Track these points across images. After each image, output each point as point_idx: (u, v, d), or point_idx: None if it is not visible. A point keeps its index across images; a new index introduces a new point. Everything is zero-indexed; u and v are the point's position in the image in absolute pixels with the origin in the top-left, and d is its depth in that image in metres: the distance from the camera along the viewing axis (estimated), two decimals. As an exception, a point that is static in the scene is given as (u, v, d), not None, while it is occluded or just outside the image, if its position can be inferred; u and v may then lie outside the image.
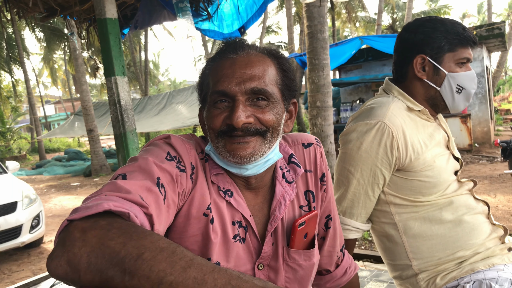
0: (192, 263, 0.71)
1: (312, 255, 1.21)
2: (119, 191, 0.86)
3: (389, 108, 1.47)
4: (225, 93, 1.03)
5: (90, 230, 0.74)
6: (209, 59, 1.13)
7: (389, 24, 28.51)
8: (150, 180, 0.93)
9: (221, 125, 1.04)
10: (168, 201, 0.95)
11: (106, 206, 0.78)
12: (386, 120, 1.43)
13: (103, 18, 3.27)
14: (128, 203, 0.83)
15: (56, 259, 0.73)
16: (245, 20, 4.11)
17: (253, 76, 1.03)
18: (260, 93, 1.03)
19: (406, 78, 1.55)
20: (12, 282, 4.85)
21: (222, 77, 1.04)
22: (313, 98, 5.40)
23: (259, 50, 1.10)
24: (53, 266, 0.73)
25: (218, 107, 1.05)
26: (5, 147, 23.86)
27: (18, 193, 5.86)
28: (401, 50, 1.57)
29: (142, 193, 0.88)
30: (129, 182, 0.89)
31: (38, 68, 41.73)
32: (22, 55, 22.76)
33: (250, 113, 1.03)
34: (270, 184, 1.19)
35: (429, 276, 1.47)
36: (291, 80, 1.12)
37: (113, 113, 3.39)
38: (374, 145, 1.44)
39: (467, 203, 1.48)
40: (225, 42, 1.12)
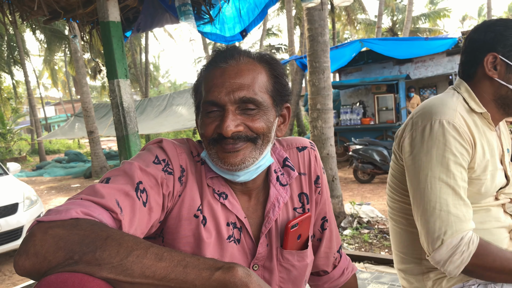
0: (153, 245, 0.80)
1: (306, 255, 1.24)
2: (94, 195, 0.91)
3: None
4: (215, 102, 1.06)
5: (56, 228, 0.79)
6: (203, 67, 1.16)
7: (389, 27, 28.53)
8: (130, 184, 0.98)
9: (212, 133, 1.08)
10: (150, 204, 1.00)
11: (74, 214, 0.83)
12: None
13: (106, 21, 3.30)
14: (99, 209, 0.88)
15: (23, 254, 0.77)
16: (247, 23, 4.13)
17: (242, 85, 1.06)
18: (249, 101, 1.06)
19: (473, 78, 1.49)
20: (13, 284, 4.86)
21: (213, 87, 1.07)
22: (313, 101, 5.42)
23: (251, 57, 1.12)
24: (21, 261, 0.76)
25: (210, 116, 1.09)
26: (5, 148, 23.85)
27: (19, 195, 5.86)
28: (469, 50, 1.50)
29: (119, 197, 0.93)
30: (108, 186, 0.95)
31: (38, 70, 41.75)
32: (23, 56, 22.77)
33: (240, 122, 1.06)
34: (265, 186, 1.22)
35: (437, 277, 1.48)
36: (282, 86, 1.15)
37: (115, 116, 3.41)
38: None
39: (496, 216, 1.47)
40: (217, 51, 1.15)
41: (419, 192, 1.34)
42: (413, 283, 1.54)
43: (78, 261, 0.75)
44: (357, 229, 5.19)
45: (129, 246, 0.77)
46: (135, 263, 0.76)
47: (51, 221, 0.81)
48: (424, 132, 1.36)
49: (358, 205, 5.87)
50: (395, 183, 1.56)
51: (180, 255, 0.80)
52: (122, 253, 0.76)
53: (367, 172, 9.00)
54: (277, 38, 37.53)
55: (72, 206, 0.85)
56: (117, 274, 0.75)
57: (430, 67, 12.49)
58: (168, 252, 0.79)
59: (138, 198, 0.97)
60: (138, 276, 0.76)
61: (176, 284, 0.77)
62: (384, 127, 11.65)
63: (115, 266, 0.75)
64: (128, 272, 0.75)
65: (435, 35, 25.50)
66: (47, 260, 0.75)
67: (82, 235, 0.77)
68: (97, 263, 0.75)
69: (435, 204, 1.29)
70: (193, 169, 1.14)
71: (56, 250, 0.76)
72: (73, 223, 0.80)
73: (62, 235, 0.77)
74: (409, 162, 1.40)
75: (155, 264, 0.77)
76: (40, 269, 0.76)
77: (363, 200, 7.15)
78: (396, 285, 2.92)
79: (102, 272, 0.75)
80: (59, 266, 0.75)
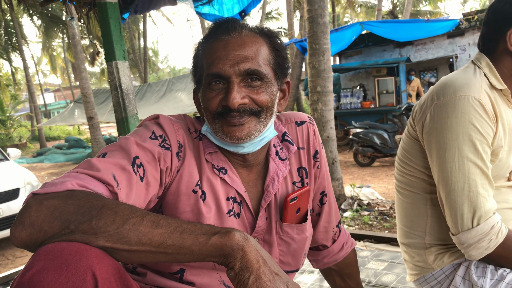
0: (149, 213, 0.81)
1: (305, 229, 1.25)
2: (90, 169, 0.91)
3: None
4: (220, 75, 1.05)
5: (52, 199, 0.79)
6: (201, 40, 1.15)
7: (389, 10, 28.28)
8: (126, 159, 0.97)
9: (217, 107, 1.07)
10: (147, 179, 1.00)
11: (70, 186, 0.82)
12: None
13: (103, 2, 3.26)
14: (94, 182, 0.88)
15: (19, 225, 0.77)
16: (246, 4, 4.09)
17: (246, 57, 1.05)
18: (254, 74, 1.06)
19: (494, 52, 1.41)
20: (16, 267, 4.90)
21: (216, 59, 1.06)
22: (313, 83, 5.39)
23: (251, 30, 1.12)
24: (17, 232, 0.77)
25: (213, 88, 1.08)
26: (5, 135, 23.86)
27: (20, 180, 5.88)
28: (492, 22, 1.41)
29: (115, 171, 0.93)
30: (104, 160, 0.95)
31: (37, 56, 41.54)
32: (21, 42, 22.63)
33: (245, 94, 1.06)
34: (264, 161, 1.23)
35: (438, 251, 1.48)
36: (283, 59, 1.15)
37: (114, 98, 3.40)
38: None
39: (505, 197, 1.44)
40: (217, 23, 1.14)
41: (445, 170, 1.30)
42: (415, 257, 1.54)
43: (74, 231, 0.75)
44: (357, 211, 5.21)
45: (125, 215, 0.78)
46: (131, 231, 0.76)
47: (47, 193, 0.81)
48: (447, 108, 1.30)
49: (358, 188, 5.88)
50: (405, 156, 1.54)
51: (176, 222, 0.80)
52: (118, 221, 0.76)
53: (367, 155, 9.00)
54: (277, 21, 37.32)
55: (67, 178, 0.85)
56: (114, 242, 0.76)
57: (431, 49, 12.41)
58: (164, 219, 0.80)
59: (134, 173, 0.96)
60: (135, 243, 0.76)
61: (174, 250, 0.77)
62: (384, 110, 11.62)
63: (111, 234, 0.75)
64: (124, 240, 0.76)
65: (436, 17, 25.27)
66: (43, 230, 0.76)
67: (78, 205, 0.77)
68: (93, 232, 0.75)
69: (463, 185, 1.26)
70: (190, 144, 1.13)
71: (51, 220, 0.76)
72: (68, 194, 0.80)
73: (58, 205, 0.77)
74: (431, 138, 1.35)
75: (151, 231, 0.77)
76: (36, 239, 0.76)
77: (363, 183, 7.16)
78: (396, 262, 2.94)
79: (99, 241, 0.75)
80: (56, 236, 0.75)
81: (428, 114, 1.36)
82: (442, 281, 1.47)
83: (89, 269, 0.71)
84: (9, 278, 3.39)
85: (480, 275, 1.35)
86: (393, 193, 6.44)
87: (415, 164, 1.49)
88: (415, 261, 1.55)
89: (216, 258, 0.79)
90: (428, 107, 1.37)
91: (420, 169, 1.48)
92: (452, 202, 1.29)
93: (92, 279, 0.70)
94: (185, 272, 1.09)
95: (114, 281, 0.74)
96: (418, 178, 1.50)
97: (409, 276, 1.62)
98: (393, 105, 11.50)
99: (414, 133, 1.47)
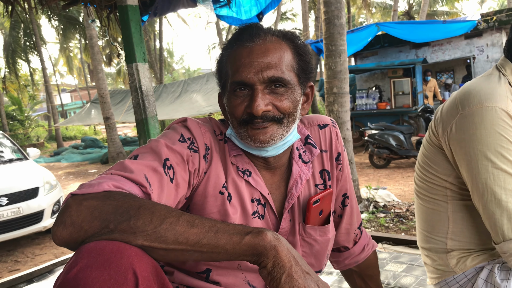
0: (184, 213, 0.83)
1: (328, 230, 1.27)
2: (124, 170, 0.94)
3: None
4: (244, 83, 1.07)
5: (90, 199, 0.82)
6: (226, 46, 1.16)
7: (405, 10, 28.06)
8: (157, 161, 1.00)
9: (242, 114, 1.09)
10: (177, 180, 1.02)
11: (106, 187, 0.85)
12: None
13: (124, 5, 3.31)
14: (129, 183, 0.91)
15: (60, 224, 0.80)
16: (264, 6, 4.11)
17: (270, 64, 1.06)
18: (278, 81, 1.07)
19: None
20: (35, 265, 4.98)
21: (241, 67, 1.07)
22: (329, 85, 5.38)
23: (275, 35, 1.12)
24: (58, 231, 0.80)
25: (238, 95, 1.09)
26: (23, 135, 24.28)
27: (39, 179, 5.97)
28: None
29: (147, 173, 0.95)
30: (136, 162, 0.97)
31: (54, 57, 42.15)
32: (39, 43, 23.00)
33: (268, 101, 1.07)
34: (287, 163, 1.25)
35: (461, 255, 1.47)
36: (307, 63, 1.15)
37: (134, 99, 3.45)
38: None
39: None
40: (241, 28, 1.15)
41: (480, 182, 1.28)
42: (436, 261, 1.54)
43: (113, 230, 0.78)
44: (373, 213, 5.19)
45: (161, 214, 0.80)
46: (168, 230, 0.79)
47: (85, 193, 0.83)
48: (474, 118, 1.28)
49: (374, 190, 5.86)
50: (425, 163, 1.53)
51: (210, 222, 0.82)
52: (155, 221, 0.79)
53: (383, 157, 8.94)
54: (292, 22, 37.24)
55: (103, 180, 0.88)
56: (152, 241, 0.78)
57: (448, 50, 12.29)
58: (199, 219, 0.82)
59: (165, 174, 0.99)
60: (172, 242, 0.78)
61: (208, 249, 0.80)
62: (400, 112, 11.53)
63: (149, 233, 0.78)
64: (162, 239, 0.78)
65: (452, 17, 24.99)
66: (84, 229, 0.78)
67: (116, 205, 0.80)
68: (132, 231, 0.78)
69: (501, 196, 1.25)
70: (217, 147, 1.16)
71: (91, 220, 0.79)
72: (106, 195, 0.83)
73: (97, 205, 0.80)
74: (459, 149, 1.33)
75: (187, 230, 0.79)
76: (77, 238, 0.79)
77: (379, 184, 7.12)
78: (415, 265, 2.93)
79: (138, 240, 0.78)
80: (96, 235, 0.78)
81: (453, 124, 1.35)
82: (464, 285, 1.47)
83: (130, 267, 0.73)
84: (32, 276, 3.45)
85: (504, 278, 1.34)
86: (409, 195, 6.40)
87: (436, 172, 1.49)
88: (436, 264, 1.54)
89: (249, 257, 0.81)
90: (452, 117, 1.36)
91: (441, 176, 1.47)
92: (490, 213, 1.27)
93: (133, 276, 0.73)
94: (212, 272, 1.12)
95: (153, 279, 0.77)
96: (439, 185, 1.49)
97: (430, 280, 1.61)
98: (409, 107, 11.40)
99: (437, 141, 1.46)
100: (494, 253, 1.45)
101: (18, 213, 5.44)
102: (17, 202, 5.48)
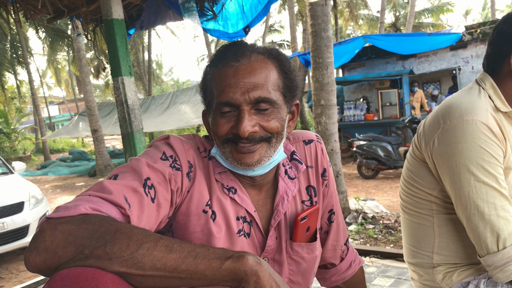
0: (162, 237, 0.80)
1: (315, 248, 1.25)
2: (102, 191, 0.91)
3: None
4: (230, 103, 1.05)
5: (65, 223, 0.79)
6: (210, 64, 1.14)
7: (392, 22, 28.46)
8: (138, 180, 0.98)
9: (227, 133, 1.07)
10: (158, 200, 1.00)
11: (83, 210, 0.83)
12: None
13: (109, 19, 3.30)
14: (107, 205, 0.88)
15: (33, 250, 0.77)
16: (250, 19, 4.13)
17: (256, 84, 1.05)
18: (264, 101, 1.06)
19: (499, 73, 1.41)
20: (20, 282, 4.89)
21: (226, 87, 1.05)
22: (317, 97, 5.41)
23: (260, 53, 1.11)
24: (31, 258, 0.77)
25: (224, 116, 1.08)
26: (10, 148, 23.97)
27: (25, 193, 5.89)
28: (497, 43, 1.41)
29: (127, 193, 0.93)
30: (116, 182, 0.95)
31: (42, 69, 41.88)
32: (26, 56, 22.85)
33: (255, 122, 1.06)
34: (273, 180, 1.23)
35: (447, 270, 1.47)
36: (292, 81, 1.14)
37: (120, 113, 3.42)
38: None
39: None
40: (225, 47, 1.13)
41: (463, 195, 1.29)
42: (423, 276, 1.53)
43: (88, 256, 0.75)
44: (362, 224, 5.19)
45: (139, 239, 0.78)
46: (145, 256, 0.76)
47: (60, 217, 0.81)
48: (455, 132, 1.30)
49: (363, 201, 5.87)
50: (410, 177, 1.53)
51: (190, 246, 0.80)
52: (132, 246, 0.76)
53: (371, 167, 8.99)
54: (280, 34, 37.58)
55: (80, 202, 0.86)
56: (129, 268, 0.76)
57: (434, 62, 12.45)
58: (178, 244, 0.79)
59: (146, 194, 0.97)
60: (149, 268, 0.76)
61: (187, 275, 0.77)
62: (388, 123, 11.63)
63: (126, 259, 0.75)
64: (139, 265, 0.76)
65: (438, 29, 25.39)
66: (58, 255, 0.76)
67: (92, 229, 0.78)
68: (108, 257, 0.75)
69: (483, 209, 1.25)
70: (200, 164, 1.14)
71: (66, 245, 0.76)
72: (82, 218, 0.80)
73: (72, 230, 0.78)
74: (442, 163, 1.34)
75: (165, 256, 0.77)
76: (51, 264, 0.76)
77: (367, 195, 7.14)
78: (403, 279, 2.92)
79: (114, 266, 0.75)
80: (70, 261, 0.75)
81: (435, 138, 1.36)
82: (451, 300, 1.46)
83: None
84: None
85: None
86: (398, 205, 6.42)
87: (421, 185, 1.49)
88: (423, 280, 1.54)
89: (230, 282, 0.79)
90: (434, 131, 1.37)
91: (426, 190, 1.47)
92: (473, 226, 1.28)
93: None
94: None
95: None
96: (424, 199, 1.49)
97: None
98: (396, 117, 11.51)
99: (420, 154, 1.46)
100: (480, 267, 1.45)
101: (3, 228, 5.34)
102: (1, 217, 5.39)
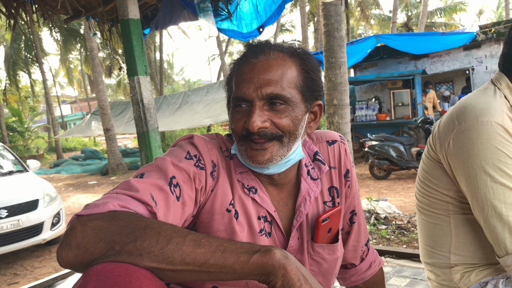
0: (190, 232, 0.82)
1: (336, 249, 1.25)
2: (129, 189, 0.93)
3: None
4: (243, 98, 1.07)
5: (95, 220, 0.81)
6: (235, 62, 1.17)
7: (404, 22, 28.24)
8: (163, 179, 0.99)
9: (242, 130, 1.09)
10: (183, 198, 1.01)
11: (111, 207, 0.84)
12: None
13: (126, 18, 3.33)
14: (134, 202, 0.90)
15: (65, 246, 0.79)
16: (264, 19, 4.14)
17: (270, 81, 1.06)
18: (277, 98, 1.06)
19: None
20: (35, 278, 4.95)
21: (242, 82, 1.08)
22: (330, 97, 5.40)
23: (282, 51, 1.12)
24: (64, 254, 0.78)
25: (239, 111, 1.10)
26: (23, 146, 24.27)
27: (39, 191, 5.96)
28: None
29: (153, 191, 0.95)
30: (142, 181, 0.96)
31: (54, 69, 42.32)
32: (40, 56, 23.10)
33: (266, 118, 1.07)
34: (295, 180, 1.23)
35: (464, 270, 1.46)
36: (313, 81, 1.14)
37: (136, 112, 3.45)
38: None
39: None
40: (248, 45, 1.15)
41: (479, 197, 1.28)
42: (440, 276, 1.53)
43: (119, 252, 0.77)
44: (375, 225, 5.17)
45: (168, 235, 0.79)
46: (175, 251, 0.77)
47: (90, 214, 0.83)
48: (470, 133, 1.28)
49: (375, 201, 5.84)
50: (425, 178, 1.52)
51: (217, 241, 0.81)
52: (161, 242, 0.78)
53: (383, 168, 8.94)
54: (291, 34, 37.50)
55: (108, 199, 0.87)
56: (159, 263, 0.77)
57: (447, 62, 12.35)
58: (206, 238, 0.81)
59: (171, 193, 0.98)
60: (179, 263, 0.77)
61: (216, 269, 0.78)
62: (400, 123, 11.54)
63: (156, 254, 0.77)
64: (169, 260, 0.77)
65: (451, 29, 25.16)
66: (89, 251, 0.77)
67: (121, 225, 0.79)
68: (138, 252, 0.77)
69: (501, 210, 1.25)
70: (223, 164, 1.15)
71: (97, 241, 0.78)
72: (111, 215, 0.82)
73: (102, 226, 0.79)
74: (457, 164, 1.33)
75: (194, 250, 0.78)
76: (82, 260, 0.78)
77: (379, 196, 7.11)
78: (419, 279, 2.91)
79: (145, 262, 0.77)
80: (102, 257, 0.77)
81: (451, 139, 1.35)
82: (469, 300, 1.46)
83: None
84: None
85: None
86: (410, 206, 6.38)
87: (436, 186, 1.48)
88: (440, 280, 1.53)
89: (258, 276, 0.79)
90: (449, 132, 1.36)
91: (442, 190, 1.47)
92: (492, 227, 1.27)
93: None
94: None
95: None
96: (440, 199, 1.48)
97: None
98: (409, 118, 11.42)
99: (435, 155, 1.46)
100: (498, 267, 1.44)
101: (18, 226, 5.42)
102: (16, 215, 5.47)
